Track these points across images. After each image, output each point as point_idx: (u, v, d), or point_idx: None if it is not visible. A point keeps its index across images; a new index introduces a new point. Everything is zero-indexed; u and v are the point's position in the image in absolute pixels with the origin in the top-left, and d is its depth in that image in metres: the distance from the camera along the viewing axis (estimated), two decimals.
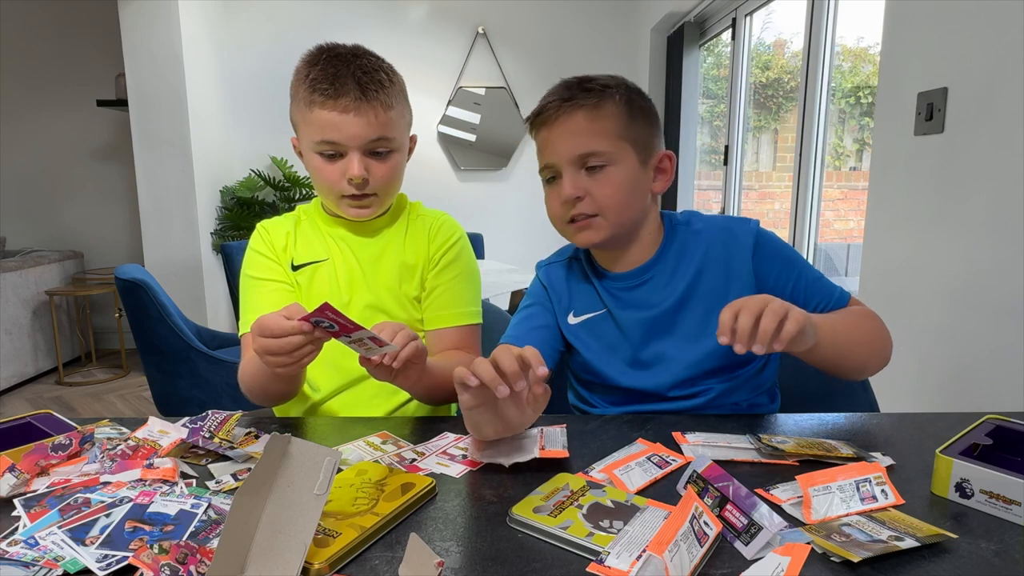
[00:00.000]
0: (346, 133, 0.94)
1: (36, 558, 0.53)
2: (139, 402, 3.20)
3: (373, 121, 0.94)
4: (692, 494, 0.56)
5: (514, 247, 3.98)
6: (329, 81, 0.93)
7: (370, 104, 0.93)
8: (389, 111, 0.96)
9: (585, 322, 0.96)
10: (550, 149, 0.90)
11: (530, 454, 0.70)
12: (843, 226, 2.61)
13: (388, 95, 0.96)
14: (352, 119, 0.93)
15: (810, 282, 0.90)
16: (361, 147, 0.95)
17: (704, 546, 0.53)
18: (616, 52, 3.91)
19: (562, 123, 0.88)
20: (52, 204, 3.98)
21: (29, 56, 3.81)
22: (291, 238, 1.06)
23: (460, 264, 1.08)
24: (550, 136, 0.90)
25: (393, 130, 0.97)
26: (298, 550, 0.49)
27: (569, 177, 0.88)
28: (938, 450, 0.65)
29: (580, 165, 0.88)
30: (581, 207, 0.88)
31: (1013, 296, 1.21)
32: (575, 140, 0.88)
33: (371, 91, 0.93)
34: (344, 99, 0.92)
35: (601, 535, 0.55)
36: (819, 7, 2.21)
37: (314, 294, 1.04)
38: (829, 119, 2.27)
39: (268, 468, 0.53)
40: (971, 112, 1.32)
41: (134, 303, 2.07)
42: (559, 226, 0.93)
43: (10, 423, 0.82)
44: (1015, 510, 0.59)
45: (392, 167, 0.99)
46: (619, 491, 0.63)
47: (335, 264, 1.04)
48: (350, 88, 0.92)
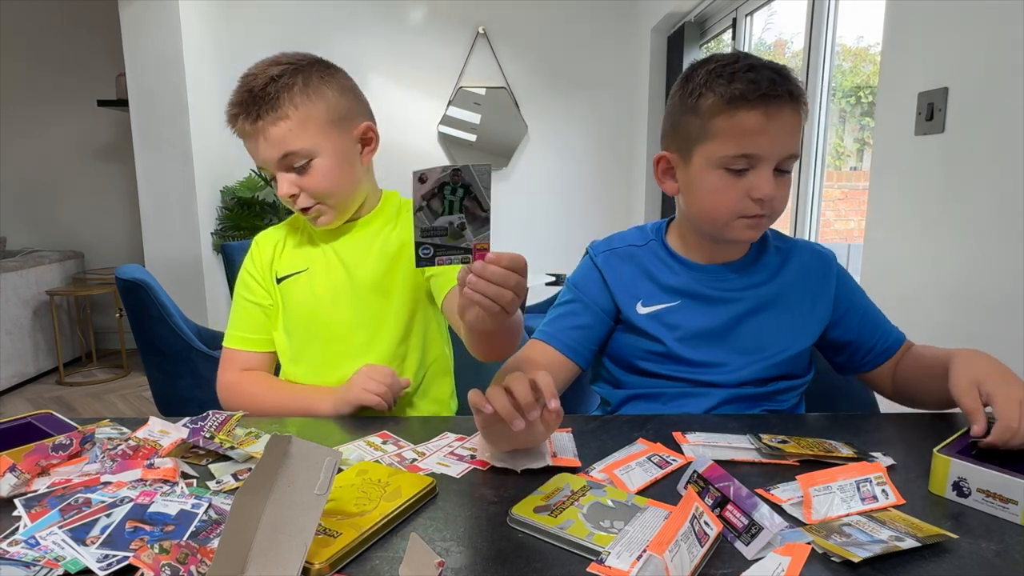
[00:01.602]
0: (259, 156, 0.94)
1: (37, 558, 0.53)
2: (140, 402, 3.20)
3: (265, 142, 0.92)
4: (693, 494, 0.56)
5: (514, 247, 3.89)
6: (230, 105, 0.93)
7: (256, 126, 0.91)
8: (283, 122, 0.91)
9: (656, 313, 0.92)
10: (764, 139, 0.81)
11: (542, 461, 0.70)
12: (843, 226, 2.61)
13: (278, 106, 0.91)
14: (253, 144, 0.94)
15: (874, 319, 0.97)
16: (277, 167, 0.94)
17: (705, 546, 0.53)
18: (616, 52, 3.91)
19: (784, 115, 0.81)
20: (52, 204, 3.99)
21: (30, 56, 3.81)
22: (278, 249, 1.06)
23: None
24: (767, 125, 0.81)
25: (295, 141, 0.92)
26: (298, 550, 0.49)
27: (769, 175, 0.82)
28: (936, 449, 0.65)
29: (777, 165, 0.83)
30: (765, 207, 0.84)
31: (1013, 296, 1.21)
32: (790, 139, 0.83)
33: (261, 112, 0.91)
34: (241, 124, 0.93)
35: (601, 535, 0.55)
36: (819, 7, 2.21)
37: (291, 307, 1.03)
38: (829, 119, 2.27)
39: (268, 468, 0.53)
40: (971, 112, 1.32)
41: (134, 303, 2.06)
42: (725, 218, 0.86)
43: (10, 423, 0.82)
44: (1012, 509, 0.59)
45: (319, 175, 0.94)
46: (619, 491, 0.63)
47: (313, 275, 1.02)
48: (243, 113, 0.92)
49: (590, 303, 0.95)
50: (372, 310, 1.01)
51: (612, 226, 3.99)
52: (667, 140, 0.92)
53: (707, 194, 0.86)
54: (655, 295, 0.93)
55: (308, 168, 0.94)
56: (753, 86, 0.80)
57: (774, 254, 0.96)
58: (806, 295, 0.95)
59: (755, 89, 0.80)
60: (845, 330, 0.96)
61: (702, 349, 0.91)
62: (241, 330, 1.05)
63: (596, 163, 4.04)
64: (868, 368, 0.98)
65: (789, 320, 0.93)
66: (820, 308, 0.95)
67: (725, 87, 0.81)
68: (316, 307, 1.01)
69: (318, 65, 0.96)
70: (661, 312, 0.92)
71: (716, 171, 0.84)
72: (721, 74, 0.82)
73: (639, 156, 3.89)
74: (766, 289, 0.93)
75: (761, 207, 0.84)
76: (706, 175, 0.86)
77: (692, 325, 0.91)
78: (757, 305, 0.93)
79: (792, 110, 0.82)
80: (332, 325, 1.01)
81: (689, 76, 0.87)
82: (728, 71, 0.82)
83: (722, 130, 0.83)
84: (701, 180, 0.86)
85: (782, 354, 0.91)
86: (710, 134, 0.84)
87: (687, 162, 0.88)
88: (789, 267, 0.95)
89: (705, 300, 0.92)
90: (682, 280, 0.93)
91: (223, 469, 0.72)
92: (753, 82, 0.80)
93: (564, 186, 4.06)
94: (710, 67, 0.84)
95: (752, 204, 0.84)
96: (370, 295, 1.00)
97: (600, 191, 4.07)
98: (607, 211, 4.07)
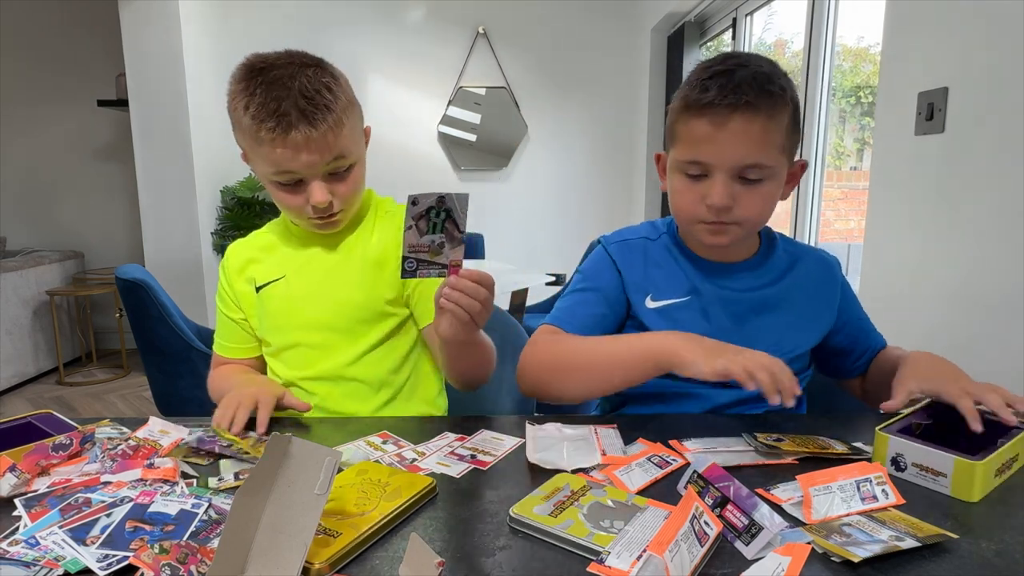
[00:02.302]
0: (302, 163, 0.88)
1: (37, 558, 0.53)
2: (140, 402, 3.20)
3: (326, 148, 0.88)
4: (692, 494, 0.56)
5: (514, 247, 3.98)
6: (272, 116, 0.85)
7: (320, 133, 0.86)
8: (341, 129, 0.89)
9: (665, 308, 0.92)
10: (712, 149, 0.81)
11: (594, 460, 0.70)
12: (843, 226, 2.61)
13: (336, 112, 0.88)
14: (305, 151, 0.87)
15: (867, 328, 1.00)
16: (318, 175, 0.91)
17: (705, 546, 0.53)
18: (616, 52, 3.91)
19: (735, 127, 0.79)
20: (52, 204, 3.98)
21: (30, 56, 3.81)
22: (254, 257, 1.06)
23: None
24: (716, 135, 0.80)
25: (349, 146, 0.91)
26: (298, 550, 0.49)
27: (723, 185, 0.81)
28: (878, 428, 0.70)
29: (738, 174, 0.82)
30: (724, 214, 0.83)
31: (1013, 296, 1.21)
32: (744, 149, 0.80)
33: (318, 118, 0.86)
34: (294, 134, 0.85)
35: (601, 535, 0.55)
36: (819, 7, 2.21)
37: (270, 313, 1.03)
38: (829, 119, 2.27)
39: (269, 468, 0.53)
40: (971, 112, 1.32)
41: (134, 303, 2.06)
42: (688, 221, 0.88)
43: (10, 423, 0.82)
44: (942, 481, 0.64)
45: (354, 182, 0.95)
46: (619, 491, 0.63)
47: (289, 282, 1.02)
48: (296, 120, 0.85)
49: (605, 293, 0.94)
50: (341, 314, 1.00)
51: (612, 226, 3.96)
52: (665, 139, 0.94)
53: (673, 195, 0.90)
54: (665, 290, 0.93)
55: (347, 175, 0.93)
56: (704, 95, 0.80)
57: (782, 257, 0.97)
58: (811, 298, 0.96)
59: (703, 98, 0.80)
60: (844, 337, 0.98)
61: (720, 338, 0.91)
62: (223, 338, 1.10)
63: (596, 163, 4.04)
64: (854, 374, 1.01)
65: (795, 321, 0.94)
66: (825, 312, 0.96)
67: (688, 92, 0.83)
68: (295, 311, 1.01)
69: (333, 68, 0.94)
70: (670, 307, 0.92)
71: (678, 174, 0.87)
72: (694, 77, 0.84)
73: (639, 156, 3.89)
74: (773, 290, 0.94)
75: (717, 214, 0.83)
76: (672, 177, 0.89)
77: (699, 322, 0.91)
78: (764, 304, 0.93)
79: (747, 119, 0.79)
80: (310, 328, 1.01)
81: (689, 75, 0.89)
82: (703, 75, 0.83)
83: (680, 135, 0.85)
84: (670, 181, 0.90)
85: (788, 354, 0.91)
86: (673, 137, 0.87)
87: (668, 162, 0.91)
88: (796, 271, 0.96)
89: (714, 297, 0.92)
90: (692, 276, 0.93)
91: (229, 467, 0.72)
92: (705, 90, 0.80)
93: (564, 186, 4.06)
94: (697, 68, 0.86)
95: (707, 211, 0.84)
96: (345, 305, 1.00)
97: (600, 191, 4.07)
98: (607, 211, 4.07)
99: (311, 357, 1.01)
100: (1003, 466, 0.66)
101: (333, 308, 1.00)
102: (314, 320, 1.01)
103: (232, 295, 1.07)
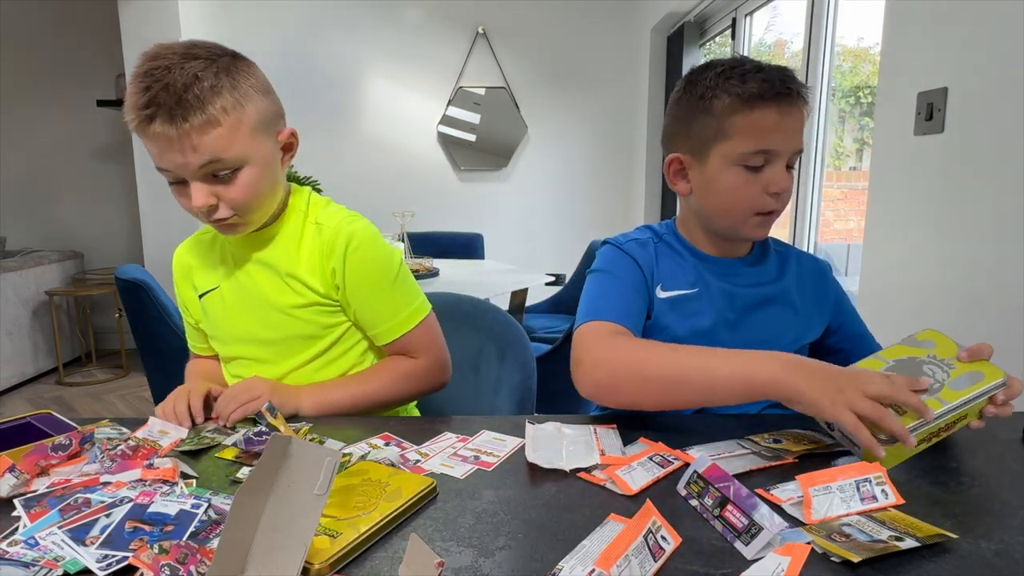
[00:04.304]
0: (169, 162, 0.83)
1: (36, 558, 0.53)
2: (139, 402, 3.20)
3: (190, 148, 0.81)
4: (651, 507, 0.56)
5: (514, 247, 3.98)
6: (133, 108, 0.81)
7: (182, 131, 0.80)
8: (212, 129, 0.82)
9: (674, 298, 0.93)
10: (779, 136, 0.85)
11: (592, 460, 0.70)
12: (843, 226, 2.61)
13: (209, 112, 0.81)
14: (168, 149, 0.82)
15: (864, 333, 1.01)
16: (194, 176, 0.84)
17: (659, 560, 0.52)
18: (616, 52, 3.91)
19: (794, 113, 0.86)
20: (52, 204, 3.98)
21: (29, 56, 3.81)
22: (194, 263, 1.05)
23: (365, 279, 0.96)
24: (781, 122, 0.85)
25: (226, 150, 0.83)
26: (298, 550, 0.49)
27: (783, 171, 0.87)
28: None
29: (788, 161, 0.87)
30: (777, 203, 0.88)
31: (1013, 296, 1.21)
32: (799, 135, 0.87)
33: (178, 115, 0.80)
34: (153, 128, 0.80)
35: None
36: (819, 7, 2.21)
37: (212, 320, 1.02)
38: (829, 119, 2.27)
39: (268, 468, 0.53)
40: (971, 112, 1.32)
41: (134, 303, 2.06)
42: (742, 215, 0.89)
43: (10, 423, 0.82)
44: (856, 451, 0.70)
45: (243, 186, 0.87)
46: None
47: (223, 294, 1.00)
48: (156, 115, 0.80)
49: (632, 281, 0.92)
50: (275, 330, 0.98)
51: (612, 225, 3.99)
52: (677, 142, 0.93)
53: (726, 191, 0.89)
54: (674, 282, 0.94)
55: (233, 178, 0.86)
56: (767, 85, 0.84)
57: (775, 256, 1.00)
58: (808, 295, 0.98)
59: (770, 88, 0.84)
60: (841, 338, 1.00)
61: (712, 339, 0.91)
62: (190, 338, 1.12)
63: (596, 163, 4.04)
64: None
65: (795, 316, 0.96)
66: (822, 309, 0.99)
67: (740, 87, 0.85)
68: (228, 325, 1.01)
69: (239, 61, 0.87)
70: (679, 298, 0.93)
71: (734, 168, 0.87)
72: (731, 76, 0.86)
73: (639, 156, 3.89)
74: (773, 287, 0.96)
75: (779, 201, 0.88)
76: (725, 173, 0.88)
77: (706, 315, 0.92)
78: (766, 299, 0.95)
79: (800, 108, 0.87)
80: (246, 341, 1.00)
81: (694, 80, 0.90)
82: (738, 72, 0.86)
83: (740, 128, 0.86)
84: (719, 178, 0.89)
85: (789, 348, 0.91)
86: (727, 133, 0.86)
87: (703, 162, 0.90)
88: (790, 269, 0.99)
89: (720, 291, 0.94)
90: (699, 271, 0.95)
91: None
92: (767, 81, 0.84)
93: (564, 186, 4.06)
94: (717, 70, 0.88)
95: (768, 199, 0.87)
96: (275, 308, 0.97)
97: (600, 191, 4.07)
98: (607, 211, 4.08)
99: (253, 369, 0.99)
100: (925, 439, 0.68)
101: (263, 323, 0.97)
102: (248, 334, 0.99)
103: (182, 299, 1.07)
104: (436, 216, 3.77)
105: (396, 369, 1.00)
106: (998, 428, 0.80)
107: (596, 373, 0.82)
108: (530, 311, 3.14)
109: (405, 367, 1.00)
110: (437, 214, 3.80)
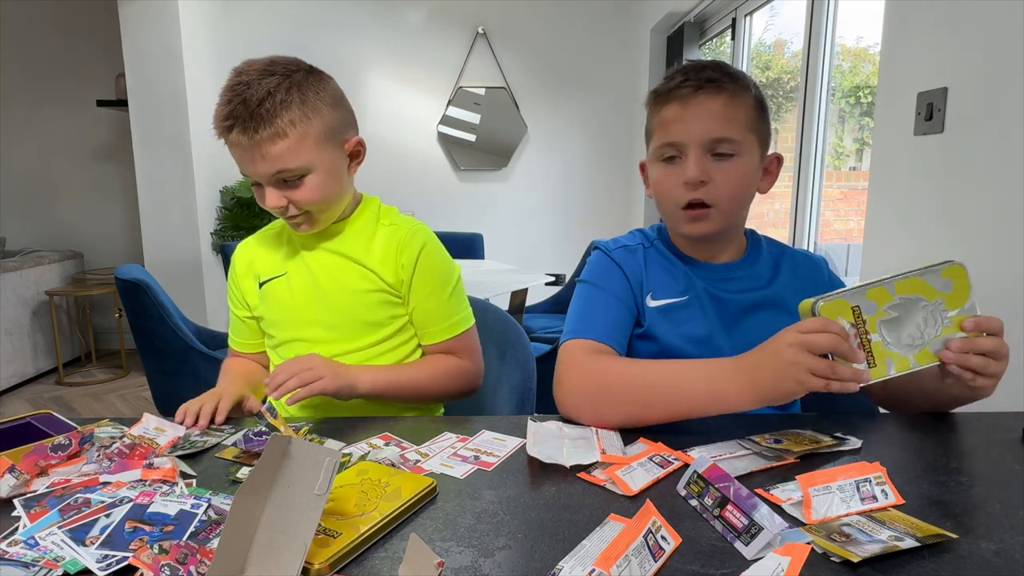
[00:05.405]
0: (249, 169, 0.94)
1: (36, 558, 0.53)
2: (139, 402, 3.20)
3: (261, 157, 0.91)
4: (650, 507, 0.56)
5: (514, 247, 3.98)
6: (218, 118, 0.91)
7: (254, 142, 0.90)
8: (280, 140, 0.90)
9: (665, 307, 0.93)
10: (681, 126, 0.87)
11: (592, 457, 0.70)
12: (843, 226, 2.61)
13: (279, 125, 0.90)
14: (246, 157, 0.92)
15: None
16: (267, 180, 0.94)
17: (659, 560, 0.52)
18: (616, 52, 3.91)
19: (700, 103, 0.86)
20: (52, 204, 3.99)
21: (29, 56, 3.81)
22: (259, 254, 1.09)
23: (430, 278, 1.05)
24: (683, 113, 0.87)
25: (292, 159, 0.92)
26: (298, 550, 0.49)
27: (696, 159, 0.86)
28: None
29: (708, 150, 0.87)
30: (701, 192, 0.87)
31: (1013, 296, 1.21)
32: (711, 123, 0.86)
33: (250, 127, 0.89)
34: (234, 136, 0.90)
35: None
36: (819, 7, 2.21)
37: (272, 308, 1.06)
38: (829, 119, 2.27)
39: (268, 468, 0.53)
40: (971, 112, 1.32)
41: (134, 303, 2.07)
42: (670, 210, 0.91)
43: (10, 423, 0.82)
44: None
45: (310, 190, 0.95)
46: None
47: (290, 279, 1.05)
48: (235, 126, 0.90)
49: (618, 295, 0.94)
50: (340, 313, 1.03)
51: (611, 225, 3.99)
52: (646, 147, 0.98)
53: (655, 188, 0.94)
54: (664, 290, 0.94)
55: (300, 183, 0.95)
56: (674, 81, 0.89)
57: (768, 258, 0.99)
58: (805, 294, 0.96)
59: (674, 83, 0.89)
60: None
61: (705, 347, 0.91)
62: (234, 333, 1.14)
63: (595, 163, 4.04)
64: None
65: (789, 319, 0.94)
66: None
67: (656, 88, 0.92)
68: (292, 309, 1.04)
69: (312, 76, 0.96)
70: (670, 306, 0.93)
71: (658, 164, 0.92)
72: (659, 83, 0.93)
73: (638, 156, 3.87)
74: (765, 292, 0.95)
75: (695, 191, 0.87)
76: (653, 170, 0.93)
77: (697, 322, 0.92)
78: (758, 304, 0.94)
79: (711, 95, 0.87)
80: (309, 324, 1.04)
81: None
82: (669, 74, 0.92)
83: (654, 125, 0.92)
84: (651, 176, 0.94)
85: None
86: (651, 132, 0.94)
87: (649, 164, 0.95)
88: (784, 270, 0.98)
89: (711, 297, 0.93)
90: (688, 277, 0.94)
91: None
92: (676, 76, 0.89)
93: (563, 186, 4.06)
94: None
95: (686, 190, 0.88)
96: (341, 307, 1.03)
97: (599, 191, 4.07)
98: (606, 211, 4.08)
99: (309, 350, 1.02)
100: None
101: (330, 308, 1.03)
102: (313, 318, 1.03)
103: (239, 293, 1.10)
104: (436, 216, 3.77)
105: (444, 365, 1.05)
106: (998, 428, 0.80)
107: (573, 398, 0.84)
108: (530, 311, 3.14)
109: (452, 365, 1.06)
110: (437, 214, 3.80)
